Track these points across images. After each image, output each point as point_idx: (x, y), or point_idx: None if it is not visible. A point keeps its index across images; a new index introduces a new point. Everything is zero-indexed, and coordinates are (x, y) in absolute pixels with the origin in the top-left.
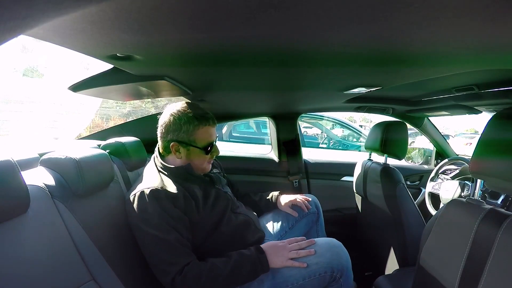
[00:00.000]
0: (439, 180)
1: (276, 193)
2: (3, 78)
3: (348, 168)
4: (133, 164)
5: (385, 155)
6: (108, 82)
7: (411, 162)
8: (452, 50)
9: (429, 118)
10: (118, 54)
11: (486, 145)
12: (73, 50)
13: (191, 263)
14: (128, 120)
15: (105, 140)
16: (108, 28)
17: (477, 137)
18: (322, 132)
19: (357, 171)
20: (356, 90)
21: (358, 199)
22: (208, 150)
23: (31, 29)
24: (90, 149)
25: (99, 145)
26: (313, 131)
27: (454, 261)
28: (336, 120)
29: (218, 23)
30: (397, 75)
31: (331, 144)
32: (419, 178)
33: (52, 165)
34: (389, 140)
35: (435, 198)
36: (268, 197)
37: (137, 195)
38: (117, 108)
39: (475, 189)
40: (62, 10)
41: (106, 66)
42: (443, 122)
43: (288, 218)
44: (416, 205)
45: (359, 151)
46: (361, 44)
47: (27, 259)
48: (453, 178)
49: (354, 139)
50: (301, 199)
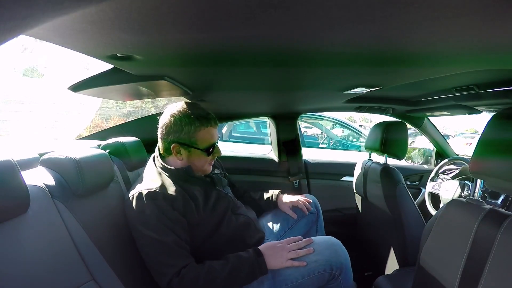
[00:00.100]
0: (439, 180)
1: (277, 192)
2: (3, 78)
3: (348, 168)
4: (133, 164)
5: (385, 155)
6: (108, 82)
7: (411, 162)
8: (452, 50)
9: (429, 118)
10: (118, 54)
11: (486, 145)
12: (73, 50)
13: (189, 266)
14: (128, 120)
15: (105, 140)
16: (108, 28)
17: (477, 137)
18: (322, 132)
19: (357, 171)
20: (356, 90)
21: (358, 199)
22: (210, 152)
23: (31, 29)
24: (90, 149)
25: (99, 145)
26: (313, 131)
27: (454, 261)
28: (336, 120)
29: (218, 23)
30: (397, 75)
31: (331, 144)
32: (419, 178)
33: (52, 165)
34: (389, 140)
35: (435, 198)
36: (269, 196)
37: (135, 196)
38: (117, 108)
39: (475, 189)
40: (62, 10)
41: (106, 66)
42: (443, 122)
43: (288, 218)
44: (416, 205)
45: (359, 151)
46: (361, 44)
47: (27, 259)
48: (453, 178)
49: (354, 139)
50: (302, 201)
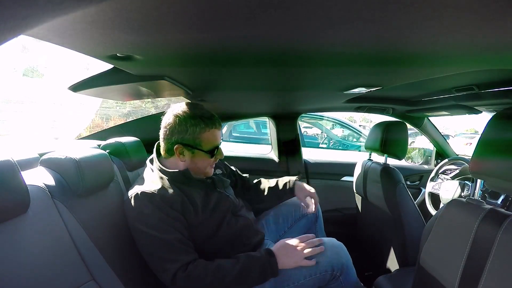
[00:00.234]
0: (439, 180)
1: (294, 179)
2: (3, 78)
3: (348, 168)
4: (133, 164)
5: (385, 155)
6: (108, 82)
7: (411, 162)
8: (452, 50)
9: (429, 118)
10: (118, 54)
11: (486, 145)
12: (73, 50)
13: (197, 262)
14: (128, 120)
15: (105, 140)
16: (108, 28)
17: (477, 137)
18: (322, 132)
19: (357, 171)
20: (356, 90)
21: (358, 199)
22: (213, 154)
23: (31, 29)
24: (90, 149)
25: (99, 145)
26: (313, 131)
27: (454, 261)
28: (336, 120)
29: (218, 23)
30: (397, 75)
31: (331, 144)
32: (419, 178)
33: (52, 165)
34: (389, 140)
35: (435, 198)
36: (285, 181)
37: (134, 196)
38: (117, 108)
39: (475, 189)
40: (62, 10)
41: (106, 66)
42: (443, 122)
43: (288, 218)
44: (416, 205)
45: (359, 151)
46: (361, 44)
47: (27, 259)
48: (453, 178)
49: (354, 139)
50: (314, 197)
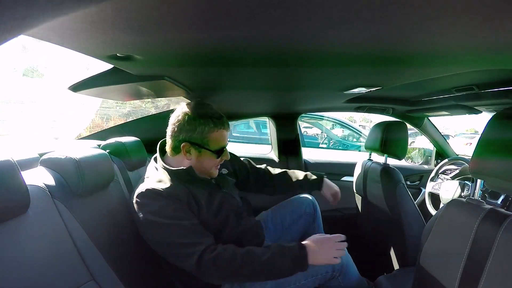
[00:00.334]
0: (439, 180)
1: (323, 174)
2: (3, 78)
3: (348, 168)
4: (134, 164)
5: (385, 155)
6: (108, 82)
7: (411, 162)
8: (452, 50)
9: (429, 118)
10: (118, 54)
11: (486, 145)
12: (73, 50)
13: (227, 245)
14: (128, 120)
15: (105, 140)
16: (108, 28)
17: (477, 137)
18: (322, 132)
19: (357, 171)
20: (356, 90)
21: (358, 199)
22: (219, 154)
23: (31, 29)
24: (90, 149)
25: (99, 145)
26: (313, 131)
27: (454, 261)
28: (336, 120)
29: (218, 23)
30: (397, 75)
31: (331, 144)
32: (419, 178)
33: (52, 165)
34: (389, 140)
35: (435, 198)
36: (315, 178)
37: (142, 194)
38: (117, 108)
39: (475, 189)
40: (62, 10)
41: (106, 66)
42: (443, 122)
43: (286, 218)
44: (416, 205)
45: (359, 151)
46: (361, 44)
47: (27, 259)
48: (453, 178)
49: (354, 139)
50: (338, 197)
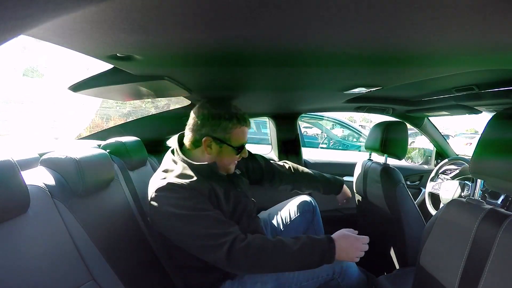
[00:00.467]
0: (439, 180)
1: (343, 179)
2: (3, 78)
3: (348, 168)
4: (134, 164)
5: (385, 155)
6: (108, 82)
7: (411, 162)
8: (452, 50)
9: (429, 118)
10: (118, 54)
11: (486, 145)
12: (73, 50)
13: (254, 235)
14: (128, 120)
15: (105, 140)
16: (108, 28)
17: (477, 137)
18: (322, 132)
19: (357, 171)
20: (356, 90)
21: (358, 199)
22: (239, 151)
23: (31, 29)
24: (90, 149)
25: (99, 145)
26: (313, 131)
27: (454, 261)
28: (336, 120)
29: (218, 23)
30: (397, 75)
31: (331, 144)
32: (419, 178)
33: (52, 165)
34: (389, 140)
35: (435, 198)
36: (338, 182)
37: (164, 187)
38: (117, 108)
39: (475, 189)
40: (62, 10)
41: (106, 66)
42: (443, 122)
43: (285, 216)
44: (416, 205)
45: (359, 151)
46: (361, 44)
47: (27, 259)
48: (453, 178)
49: (354, 139)
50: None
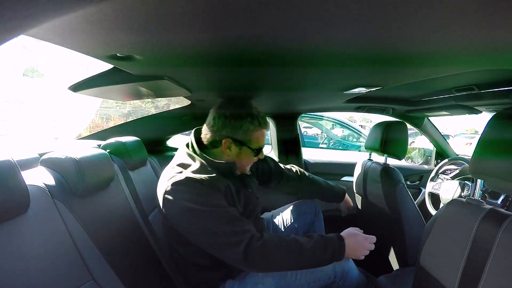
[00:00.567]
0: (439, 180)
1: (345, 188)
2: (3, 78)
3: (348, 168)
4: (134, 164)
5: (385, 155)
6: (108, 82)
7: (411, 162)
8: (452, 50)
9: (429, 118)
10: (118, 54)
11: (486, 145)
12: (73, 50)
13: (270, 233)
14: (128, 120)
15: (105, 140)
16: (108, 28)
17: (477, 137)
18: (322, 132)
19: (357, 171)
20: (356, 90)
21: (358, 199)
22: (258, 153)
23: (31, 29)
24: (90, 149)
25: (99, 145)
26: (313, 131)
27: (454, 261)
28: (336, 120)
29: (218, 23)
30: (397, 75)
31: (331, 144)
32: (419, 178)
33: (52, 165)
34: (389, 140)
35: (435, 198)
36: (341, 190)
37: (182, 182)
38: (117, 108)
39: (475, 189)
40: (62, 10)
41: (106, 66)
42: (443, 122)
43: (286, 218)
44: (416, 205)
45: (359, 151)
46: (361, 44)
47: (27, 259)
48: (453, 178)
49: (354, 139)
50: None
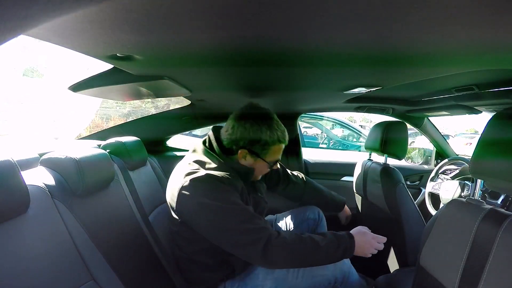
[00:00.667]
0: (439, 180)
1: (344, 199)
2: (3, 78)
3: (348, 168)
4: (134, 164)
5: (385, 155)
6: (108, 82)
7: (411, 162)
8: (452, 50)
9: (429, 118)
10: (118, 54)
11: (486, 145)
12: (73, 50)
13: (286, 231)
14: (128, 120)
15: (105, 140)
16: (108, 28)
17: (477, 137)
18: (322, 132)
19: (357, 171)
20: (356, 90)
21: (358, 199)
22: (273, 165)
23: (31, 29)
24: (90, 149)
25: (99, 145)
26: (313, 131)
27: (454, 261)
28: (336, 120)
29: (218, 23)
30: (397, 75)
31: (331, 144)
32: (419, 178)
33: (52, 165)
34: (389, 140)
35: (435, 198)
36: (341, 200)
37: (202, 178)
38: (117, 108)
39: (475, 189)
40: (62, 10)
41: (106, 66)
42: (443, 122)
43: (289, 222)
44: (416, 205)
45: (359, 151)
46: (361, 44)
47: (27, 259)
48: (453, 178)
49: (354, 139)
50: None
